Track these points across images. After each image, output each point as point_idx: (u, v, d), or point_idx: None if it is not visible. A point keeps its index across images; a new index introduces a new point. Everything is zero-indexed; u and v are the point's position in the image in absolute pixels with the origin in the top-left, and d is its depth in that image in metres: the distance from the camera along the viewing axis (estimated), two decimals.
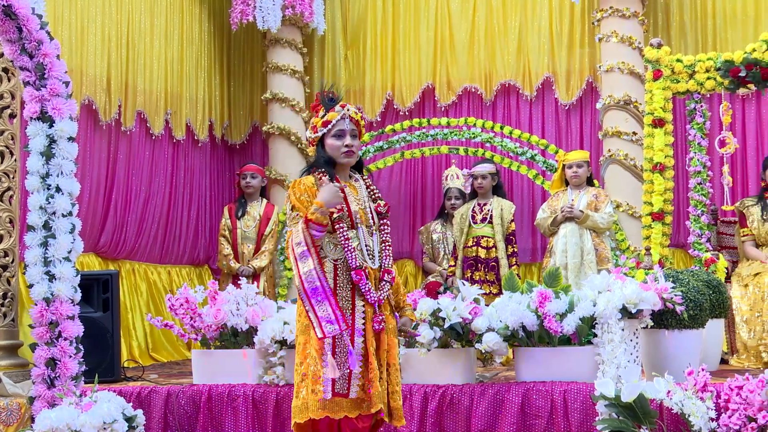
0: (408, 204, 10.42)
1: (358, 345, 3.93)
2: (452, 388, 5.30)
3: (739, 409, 4.49)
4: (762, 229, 7.21)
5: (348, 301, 3.98)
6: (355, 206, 4.07)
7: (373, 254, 4.08)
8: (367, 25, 10.68)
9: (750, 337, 6.77)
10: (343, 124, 4.12)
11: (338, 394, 3.89)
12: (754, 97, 9.46)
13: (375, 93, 10.57)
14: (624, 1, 9.24)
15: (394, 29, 10.59)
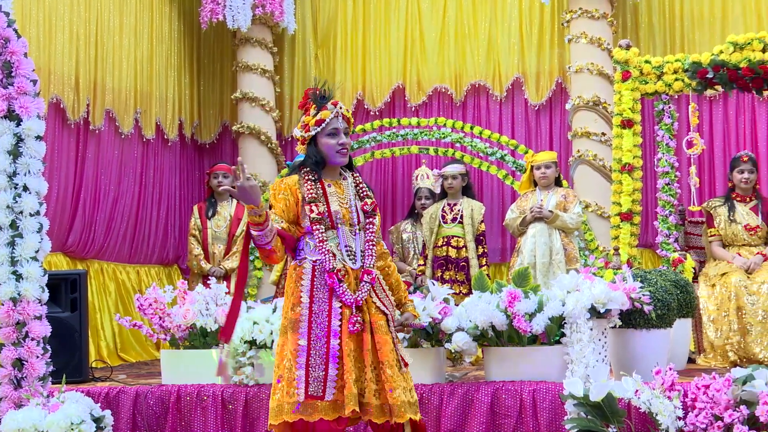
0: (378, 204, 10.38)
1: (333, 346, 3.90)
2: (422, 387, 5.29)
3: (706, 407, 4.52)
4: (729, 230, 7.27)
5: (325, 303, 3.96)
6: (336, 206, 4.04)
7: (355, 254, 4.05)
8: (338, 24, 10.68)
9: (717, 337, 6.81)
10: (336, 123, 4.08)
11: (313, 397, 3.86)
12: (721, 98, 9.54)
13: (345, 93, 10.57)
14: (593, 3, 9.30)
15: (365, 29, 10.60)
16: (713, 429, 4.46)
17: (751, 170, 7.31)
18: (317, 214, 3.98)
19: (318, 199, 4.02)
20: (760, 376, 4.49)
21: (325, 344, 3.91)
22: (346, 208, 4.08)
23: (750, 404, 4.44)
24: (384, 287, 4.15)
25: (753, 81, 7.06)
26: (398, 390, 3.90)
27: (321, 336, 3.92)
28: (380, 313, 4.03)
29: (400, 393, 3.90)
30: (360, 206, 4.14)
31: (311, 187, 4.04)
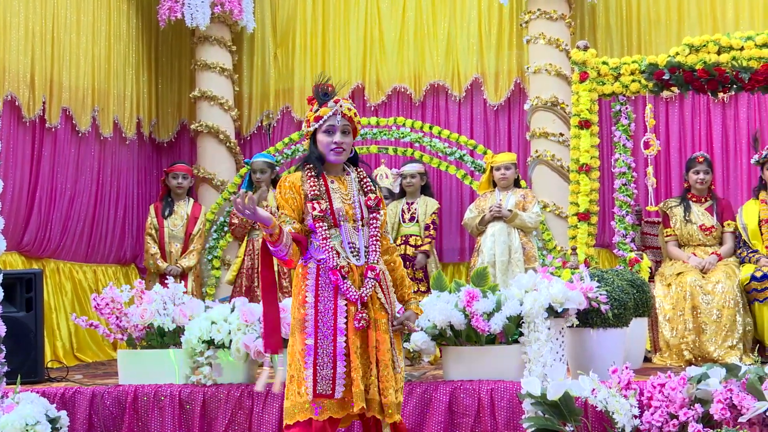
0: None
1: (340, 344, 3.89)
2: None
3: (662, 406, 4.56)
4: (684, 230, 7.35)
5: (330, 301, 3.94)
6: (338, 203, 4.01)
7: (358, 251, 4.03)
8: (297, 23, 10.66)
9: (672, 336, 6.88)
10: (333, 120, 4.04)
11: (321, 395, 3.86)
12: (678, 99, 9.63)
13: (304, 92, 10.55)
14: (551, 4, 9.35)
15: (324, 28, 10.59)
16: (668, 427, 4.50)
17: (706, 171, 7.39)
18: (319, 211, 3.96)
19: (320, 197, 4.01)
20: (715, 375, 4.54)
21: (332, 342, 3.90)
22: (349, 204, 4.05)
23: (704, 402, 4.49)
24: (388, 284, 4.13)
25: (708, 83, 7.14)
26: (390, 390, 3.91)
27: (328, 334, 3.91)
28: (383, 311, 4.02)
29: (391, 393, 3.91)
30: (364, 201, 4.10)
31: (313, 184, 4.03)
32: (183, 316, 5.76)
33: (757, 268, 6.87)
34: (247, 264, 8.25)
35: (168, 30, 10.37)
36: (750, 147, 8.80)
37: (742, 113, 9.52)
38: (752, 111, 9.51)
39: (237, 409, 5.46)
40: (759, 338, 6.87)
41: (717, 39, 7.09)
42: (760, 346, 6.81)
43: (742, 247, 7.22)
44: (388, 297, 4.09)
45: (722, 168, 9.46)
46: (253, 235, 8.27)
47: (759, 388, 4.33)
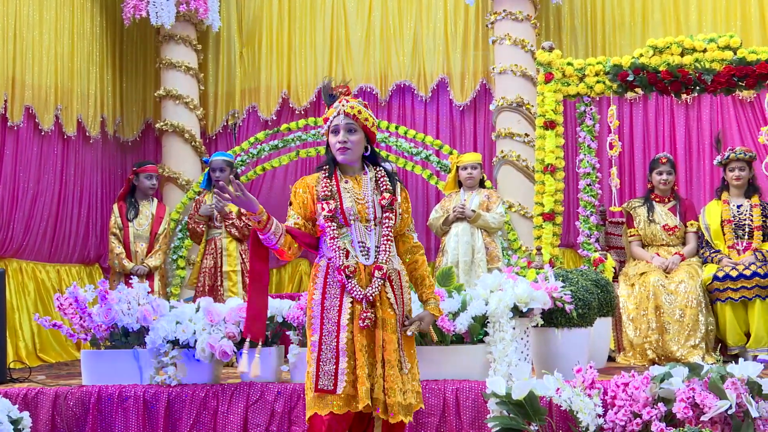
0: None
1: (342, 340, 3.91)
2: None
3: (625, 405, 4.59)
4: (648, 230, 7.40)
5: (336, 299, 3.97)
6: (349, 202, 4.03)
7: (368, 250, 4.03)
8: (263, 23, 10.63)
9: (636, 335, 6.93)
10: (337, 120, 4.07)
11: (323, 390, 3.88)
12: (641, 101, 9.71)
13: (270, 91, 10.54)
14: (517, 5, 9.38)
15: (290, 28, 10.57)
16: (632, 426, 4.53)
17: (670, 172, 7.45)
18: (328, 211, 3.99)
19: (331, 197, 4.03)
20: (677, 374, 4.58)
21: (335, 339, 3.92)
22: (363, 203, 4.06)
23: (667, 401, 4.53)
24: (402, 283, 4.12)
25: (672, 84, 7.21)
26: (395, 390, 3.91)
27: (332, 331, 3.93)
28: (392, 310, 4.01)
29: (396, 394, 3.91)
30: (378, 201, 4.10)
31: (326, 185, 4.06)
32: (148, 316, 5.72)
33: (719, 268, 6.93)
34: (209, 264, 8.20)
35: (133, 28, 10.30)
36: (712, 148, 8.89)
37: (705, 115, 9.62)
38: (715, 112, 9.61)
39: (202, 409, 5.43)
40: (721, 338, 6.93)
41: (680, 41, 7.17)
42: (721, 345, 6.88)
43: (704, 247, 7.29)
44: (399, 297, 4.08)
45: (685, 169, 9.55)
46: (214, 234, 8.22)
47: (721, 387, 4.37)
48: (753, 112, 9.49)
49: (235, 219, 8.14)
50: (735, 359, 5.24)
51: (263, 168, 9.72)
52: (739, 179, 7.30)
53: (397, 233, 4.17)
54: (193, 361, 5.56)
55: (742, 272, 6.79)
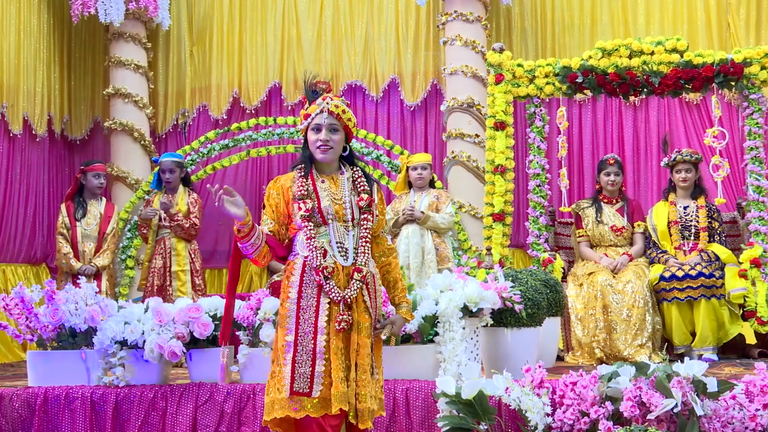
0: (253, 202, 10.36)
1: (320, 343, 3.83)
2: None
3: (573, 404, 4.62)
4: (596, 230, 7.47)
5: (313, 299, 3.88)
6: (326, 202, 3.94)
7: (347, 251, 3.95)
8: (214, 21, 10.58)
9: (584, 335, 6.99)
10: (320, 118, 3.96)
11: (298, 393, 3.79)
12: (590, 102, 9.80)
13: (221, 90, 10.49)
14: (468, 6, 9.42)
15: (241, 27, 10.53)
16: (580, 425, 4.57)
17: (617, 173, 7.52)
18: (305, 210, 3.91)
19: (308, 196, 3.94)
20: (625, 373, 4.61)
21: (312, 340, 3.83)
22: (340, 203, 3.98)
23: (615, 400, 4.56)
24: (376, 286, 4.05)
25: (620, 86, 7.29)
26: (366, 396, 3.86)
27: (308, 332, 3.84)
28: (367, 314, 3.95)
29: (367, 399, 3.86)
30: (355, 202, 4.02)
31: (302, 184, 3.96)
32: (96, 317, 5.66)
33: (666, 268, 7.01)
34: (158, 264, 8.15)
35: (81, 25, 10.18)
36: (660, 150, 8.99)
37: (653, 116, 9.74)
38: (662, 114, 9.73)
39: (150, 410, 5.39)
40: (667, 337, 7.01)
41: (628, 43, 7.26)
42: (668, 344, 6.96)
43: (651, 248, 7.37)
44: (373, 300, 4.01)
45: (633, 170, 9.66)
46: (163, 234, 8.18)
47: (667, 386, 4.42)
48: (699, 114, 9.63)
49: (182, 220, 8.10)
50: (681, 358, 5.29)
51: (213, 167, 9.67)
52: (686, 181, 7.39)
53: (371, 235, 4.07)
54: (142, 361, 5.52)
55: (688, 272, 6.88)
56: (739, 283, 6.89)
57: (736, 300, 6.87)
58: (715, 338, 6.90)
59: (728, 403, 4.51)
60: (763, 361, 6.45)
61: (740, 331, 7.05)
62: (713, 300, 6.87)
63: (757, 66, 7.18)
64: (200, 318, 5.47)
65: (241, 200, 3.88)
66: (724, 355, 7.10)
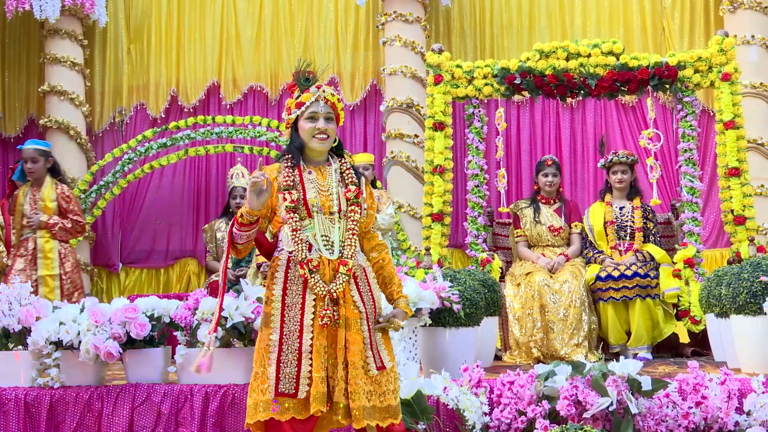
0: (192, 202, 10.30)
1: (306, 342, 3.70)
2: (234, 387, 5.26)
3: (511, 403, 4.66)
4: (534, 231, 7.54)
5: (298, 296, 3.76)
6: (312, 193, 3.83)
7: (332, 244, 3.83)
8: (152, 19, 10.49)
9: (522, 334, 7.04)
10: (316, 107, 3.86)
11: (284, 394, 3.67)
12: (528, 103, 9.88)
13: (159, 88, 10.40)
14: (407, 7, 9.45)
15: (179, 25, 10.45)
16: (517, 423, 4.61)
17: (555, 174, 7.59)
18: (290, 202, 3.78)
19: (294, 187, 3.83)
20: (561, 372, 4.66)
21: (297, 339, 3.71)
22: (326, 195, 3.86)
23: (551, 399, 4.61)
24: (369, 281, 3.95)
25: (557, 88, 7.36)
26: (359, 393, 3.71)
27: (294, 330, 3.72)
28: (356, 309, 3.82)
29: (361, 397, 3.71)
30: (343, 193, 3.90)
31: (288, 175, 3.84)
32: (30, 317, 5.57)
33: (602, 268, 7.09)
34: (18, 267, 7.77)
35: (15, 21, 10.01)
36: (596, 151, 9.09)
37: (590, 118, 9.85)
38: (599, 116, 9.85)
39: (86, 411, 5.32)
40: (603, 336, 7.09)
41: (566, 46, 7.33)
42: (604, 343, 7.05)
43: (588, 248, 7.45)
44: (366, 294, 3.91)
45: (570, 171, 9.76)
46: (27, 234, 7.91)
47: (602, 385, 4.47)
48: (635, 116, 9.77)
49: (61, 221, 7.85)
50: (616, 357, 5.36)
51: (151, 166, 9.58)
52: (622, 182, 7.49)
53: (361, 230, 3.96)
54: (77, 362, 5.45)
55: (623, 272, 6.96)
56: (673, 283, 7.00)
57: (670, 299, 6.97)
58: (649, 337, 6.99)
59: (662, 401, 4.58)
60: (695, 359, 6.58)
61: (674, 330, 7.16)
62: (648, 300, 6.96)
63: (691, 69, 7.29)
64: (137, 318, 5.41)
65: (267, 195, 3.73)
66: (658, 353, 7.21)
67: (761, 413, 4.63)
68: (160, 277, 10.25)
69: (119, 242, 10.34)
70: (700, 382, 4.68)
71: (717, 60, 7.28)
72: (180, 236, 10.24)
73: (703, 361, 6.47)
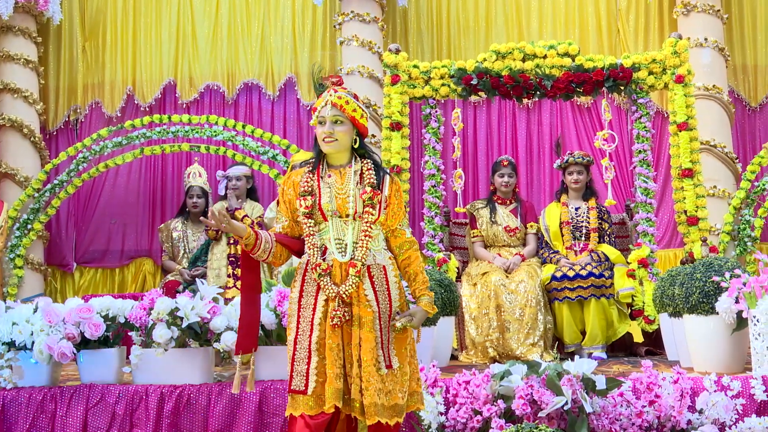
0: (147, 201, 10.23)
1: (315, 339, 3.82)
2: (189, 388, 5.24)
3: (466, 403, 4.68)
4: (490, 231, 7.57)
5: (312, 296, 3.89)
6: (327, 197, 3.91)
7: (345, 247, 3.90)
8: (107, 17, 10.41)
9: (478, 334, 7.07)
10: (324, 111, 3.93)
11: (295, 391, 3.80)
12: (485, 104, 9.93)
13: (115, 87, 10.32)
14: (365, 6, 9.46)
15: (135, 23, 10.38)
16: (472, 423, 4.63)
17: (511, 174, 7.63)
18: (305, 207, 3.91)
19: (310, 192, 3.94)
20: (517, 372, 4.69)
21: (308, 338, 3.83)
22: (343, 198, 3.92)
23: (507, 398, 4.64)
24: (388, 280, 3.97)
25: (513, 89, 7.40)
26: (371, 390, 3.78)
27: (306, 329, 3.85)
28: (369, 308, 3.87)
29: (372, 394, 3.78)
30: (359, 195, 3.94)
31: (306, 180, 3.97)
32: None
33: (557, 268, 7.14)
34: None
35: None
36: (552, 152, 9.16)
37: (546, 119, 9.92)
38: (555, 117, 9.92)
39: (39, 413, 5.27)
40: (558, 336, 7.14)
41: (522, 47, 7.37)
42: (559, 343, 7.09)
43: (544, 248, 7.50)
44: (381, 294, 3.93)
45: (526, 171, 9.82)
46: None
47: (557, 384, 4.50)
48: (590, 117, 9.86)
49: None
50: (571, 357, 5.41)
51: (106, 165, 9.49)
52: (577, 182, 7.55)
53: (388, 228, 4.05)
54: (31, 363, 5.40)
55: (578, 272, 7.02)
56: (628, 283, 7.06)
57: (624, 299, 7.03)
58: (604, 337, 7.05)
59: (616, 400, 4.63)
60: (649, 358, 6.65)
61: (628, 330, 7.22)
62: (603, 299, 7.02)
63: (645, 71, 7.37)
64: (92, 318, 5.37)
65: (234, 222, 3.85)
66: (612, 353, 7.27)
67: (713, 412, 4.70)
68: (115, 276, 10.18)
69: (74, 242, 10.25)
70: (653, 381, 4.74)
71: (671, 62, 7.36)
72: (135, 236, 10.18)
73: (656, 361, 6.54)
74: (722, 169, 9.19)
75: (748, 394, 4.85)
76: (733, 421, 4.75)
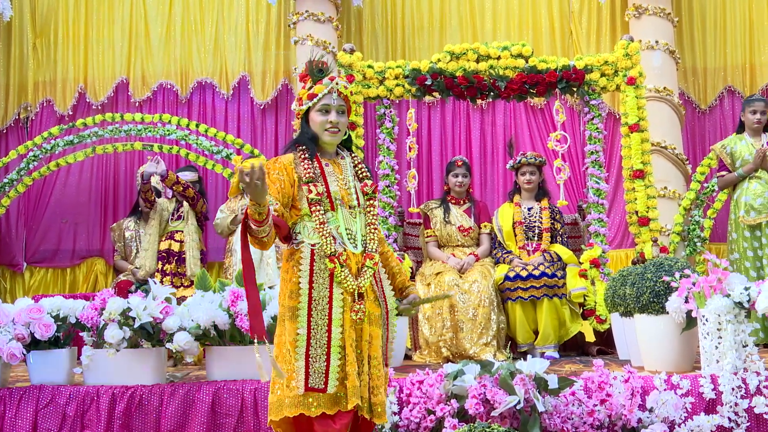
0: (99, 200, 10.15)
1: (335, 336, 3.60)
2: (141, 388, 5.20)
3: (420, 402, 4.69)
4: (444, 231, 7.59)
5: (325, 289, 3.64)
6: (334, 186, 3.75)
7: (355, 238, 3.76)
8: (59, 14, 10.31)
9: (431, 334, 7.08)
10: (329, 99, 3.80)
11: (313, 389, 3.57)
12: (439, 104, 9.96)
13: (67, 85, 10.22)
14: (319, 6, 9.46)
15: (87, 20, 10.29)
16: (426, 422, 4.64)
17: (465, 174, 7.65)
18: (316, 194, 3.69)
19: (316, 179, 3.74)
20: (470, 371, 4.71)
21: (326, 333, 3.61)
22: (345, 189, 3.79)
23: (460, 398, 4.65)
24: (383, 276, 3.87)
25: (467, 89, 7.43)
26: (380, 388, 3.69)
27: (322, 325, 3.61)
28: (376, 303, 3.77)
29: (382, 393, 3.70)
30: (360, 187, 3.85)
31: (308, 166, 3.75)
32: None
33: (510, 268, 7.17)
34: None
35: None
36: (506, 152, 9.21)
37: (499, 120, 9.98)
38: (508, 118, 9.98)
39: None
40: (511, 335, 7.18)
41: (476, 48, 7.40)
42: (512, 343, 7.12)
43: (497, 248, 7.53)
44: (381, 290, 3.83)
45: (480, 172, 9.87)
46: None
47: (510, 384, 4.53)
48: (543, 118, 9.93)
49: None
50: (524, 356, 5.43)
51: (57, 164, 9.39)
52: (530, 183, 7.59)
53: None
54: None
55: (531, 272, 7.06)
56: (580, 283, 7.11)
57: (576, 299, 7.08)
58: (556, 336, 7.10)
59: (568, 399, 4.67)
60: (601, 358, 6.71)
61: (580, 329, 7.27)
62: (555, 299, 7.07)
63: (597, 73, 7.43)
64: (42, 319, 5.32)
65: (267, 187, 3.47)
66: (564, 352, 7.32)
67: (663, 410, 4.75)
68: (67, 276, 10.08)
69: (24, 241, 10.14)
70: (604, 380, 4.78)
71: (622, 64, 7.43)
72: (87, 235, 10.09)
73: (608, 360, 6.59)
74: (673, 171, 9.30)
75: (697, 393, 4.91)
76: (682, 419, 4.80)
